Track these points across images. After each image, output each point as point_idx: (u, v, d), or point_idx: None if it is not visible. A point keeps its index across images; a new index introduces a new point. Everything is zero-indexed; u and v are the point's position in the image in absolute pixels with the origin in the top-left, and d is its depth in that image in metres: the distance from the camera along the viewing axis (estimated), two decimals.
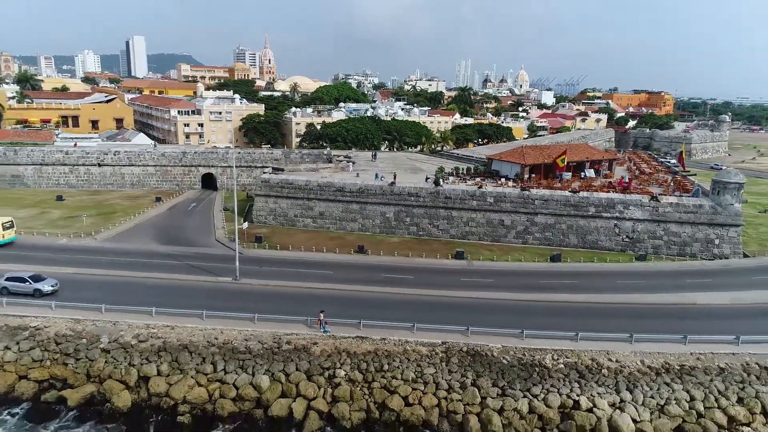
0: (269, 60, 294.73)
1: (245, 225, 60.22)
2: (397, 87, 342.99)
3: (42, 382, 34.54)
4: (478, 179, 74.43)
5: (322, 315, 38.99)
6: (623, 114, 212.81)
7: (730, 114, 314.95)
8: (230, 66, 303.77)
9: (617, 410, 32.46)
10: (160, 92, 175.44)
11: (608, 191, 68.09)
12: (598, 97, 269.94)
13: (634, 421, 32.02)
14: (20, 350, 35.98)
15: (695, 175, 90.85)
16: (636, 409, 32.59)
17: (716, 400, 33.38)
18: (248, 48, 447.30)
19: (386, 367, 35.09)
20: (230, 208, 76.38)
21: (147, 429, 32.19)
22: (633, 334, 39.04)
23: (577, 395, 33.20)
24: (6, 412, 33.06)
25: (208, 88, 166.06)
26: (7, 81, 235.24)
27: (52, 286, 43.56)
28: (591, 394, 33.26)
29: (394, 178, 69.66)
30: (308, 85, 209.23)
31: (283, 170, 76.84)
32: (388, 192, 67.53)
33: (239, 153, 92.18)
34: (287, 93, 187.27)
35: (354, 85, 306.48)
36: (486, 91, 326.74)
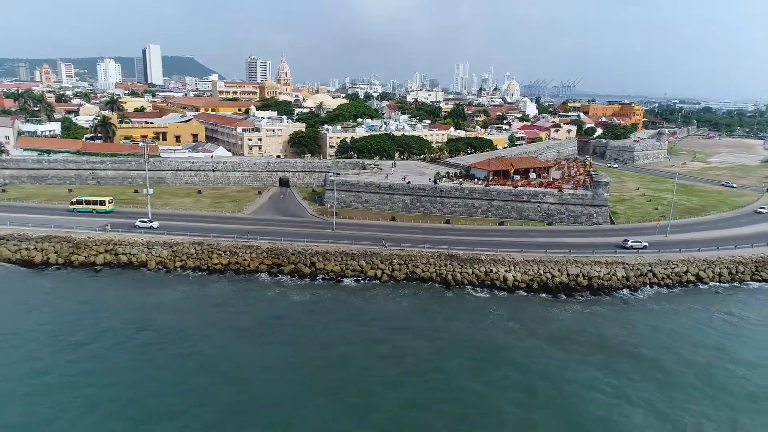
0: (286, 73, 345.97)
1: (328, 205, 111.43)
2: (399, 97, 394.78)
3: (270, 265, 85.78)
4: (461, 179, 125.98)
5: (384, 241, 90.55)
6: (592, 125, 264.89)
7: (695, 122, 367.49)
8: (248, 79, 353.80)
9: (507, 272, 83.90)
10: (212, 109, 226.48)
11: (537, 186, 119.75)
12: (577, 107, 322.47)
13: (514, 278, 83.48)
14: (257, 254, 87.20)
15: (597, 173, 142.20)
16: (514, 272, 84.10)
17: (549, 270, 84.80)
18: (259, 57, 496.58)
19: (413, 260, 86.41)
20: (309, 197, 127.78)
21: (319, 282, 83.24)
22: (523, 249, 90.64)
23: (492, 268, 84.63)
24: (255, 276, 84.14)
25: (258, 108, 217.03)
26: (68, 95, 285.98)
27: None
28: (498, 268, 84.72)
29: (407, 179, 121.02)
30: (330, 102, 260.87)
31: (338, 174, 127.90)
32: (406, 187, 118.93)
33: (304, 162, 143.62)
34: (313, 109, 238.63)
35: (361, 95, 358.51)
36: (479, 100, 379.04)
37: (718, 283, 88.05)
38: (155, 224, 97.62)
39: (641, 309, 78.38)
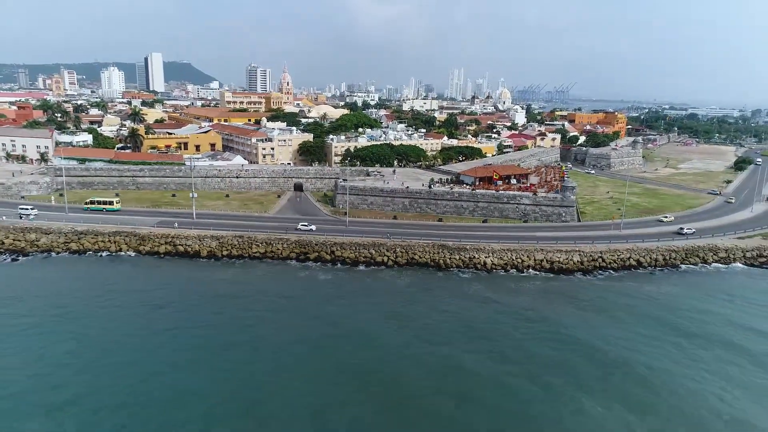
0: (288, 83, 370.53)
1: (340, 206, 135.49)
2: (395, 105, 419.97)
3: (298, 254, 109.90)
4: (452, 185, 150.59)
5: (388, 235, 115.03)
6: (576, 133, 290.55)
7: (676, 129, 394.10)
8: (248, 87, 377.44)
9: (487, 258, 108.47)
10: (224, 120, 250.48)
11: (516, 190, 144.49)
12: (564, 116, 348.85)
13: (492, 262, 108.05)
14: (288, 245, 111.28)
15: (569, 178, 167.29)
16: (492, 258, 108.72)
17: (518, 255, 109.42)
18: (259, 65, 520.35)
19: (412, 249, 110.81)
20: (322, 200, 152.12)
21: (338, 266, 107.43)
22: (500, 240, 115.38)
23: (475, 255, 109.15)
24: (286, 262, 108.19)
25: (268, 120, 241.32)
26: (85, 107, 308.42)
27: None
28: (479, 255, 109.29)
29: (406, 184, 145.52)
30: (333, 112, 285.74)
31: (346, 180, 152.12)
32: (405, 191, 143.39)
33: (315, 170, 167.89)
34: (317, 119, 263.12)
35: (359, 103, 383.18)
36: (472, 108, 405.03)
37: (654, 267, 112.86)
38: (313, 227, 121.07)
39: (588, 283, 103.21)
